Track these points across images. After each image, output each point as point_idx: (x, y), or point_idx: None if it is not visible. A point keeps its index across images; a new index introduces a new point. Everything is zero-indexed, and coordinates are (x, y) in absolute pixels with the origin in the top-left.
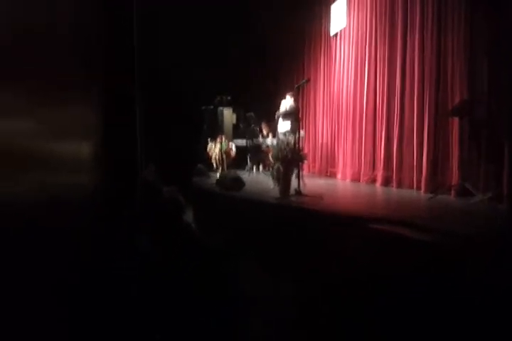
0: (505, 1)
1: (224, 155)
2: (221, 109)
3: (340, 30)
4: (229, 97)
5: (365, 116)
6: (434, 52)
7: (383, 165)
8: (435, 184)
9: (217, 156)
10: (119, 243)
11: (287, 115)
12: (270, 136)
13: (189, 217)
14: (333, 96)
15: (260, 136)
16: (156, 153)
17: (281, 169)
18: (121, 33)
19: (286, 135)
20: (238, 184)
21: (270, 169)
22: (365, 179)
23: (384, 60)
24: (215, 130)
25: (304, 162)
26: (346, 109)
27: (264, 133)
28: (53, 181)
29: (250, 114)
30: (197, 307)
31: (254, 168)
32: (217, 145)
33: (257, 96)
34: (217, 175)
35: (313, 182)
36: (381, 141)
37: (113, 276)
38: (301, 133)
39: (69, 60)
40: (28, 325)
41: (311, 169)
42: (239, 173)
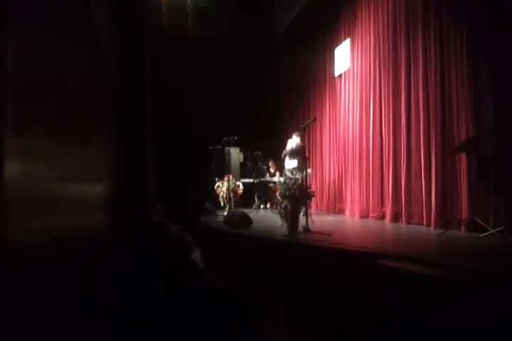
0: (508, 38)
1: (231, 194)
2: (228, 148)
3: (345, 71)
4: (236, 137)
5: (372, 153)
6: (438, 90)
7: (392, 201)
8: (445, 219)
9: (224, 195)
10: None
11: (294, 153)
12: (277, 174)
13: (197, 256)
14: (339, 135)
15: (267, 175)
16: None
17: (288, 207)
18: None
19: (294, 173)
20: (246, 222)
21: (278, 207)
22: (373, 215)
23: (389, 98)
24: (223, 169)
25: (312, 199)
26: (353, 146)
27: (272, 171)
28: (66, 223)
29: (257, 152)
30: None
31: (262, 206)
32: (225, 184)
33: (263, 135)
34: (225, 213)
35: (322, 219)
36: (389, 177)
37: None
38: (309, 171)
39: (86, 107)
40: None
41: (318, 206)
42: (246, 211)
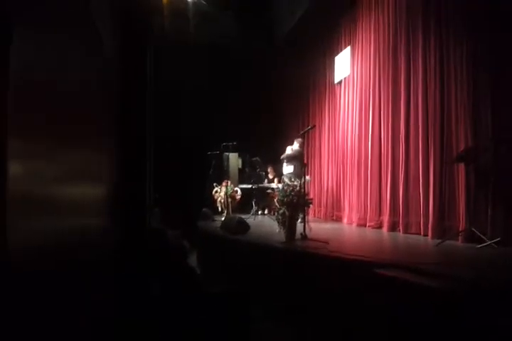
0: (508, 46)
1: (229, 199)
2: (227, 154)
3: (345, 78)
4: (235, 143)
5: (370, 161)
6: (437, 98)
7: (389, 210)
8: (442, 229)
9: (222, 200)
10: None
11: (291, 159)
12: (276, 180)
13: (193, 261)
14: (338, 142)
15: (266, 181)
16: (162, 198)
17: (286, 213)
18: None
19: (291, 178)
20: (243, 227)
21: (275, 213)
22: (371, 224)
23: (388, 105)
24: (221, 174)
25: (310, 206)
26: (351, 154)
27: (270, 177)
28: (65, 224)
29: (256, 158)
30: None
31: (260, 212)
32: (223, 189)
33: (262, 141)
34: (222, 218)
35: (319, 227)
36: (387, 186)
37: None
38: (307, 178)
39: (87, 110)
40: None
41: (316, 214)
42: (244, 217)
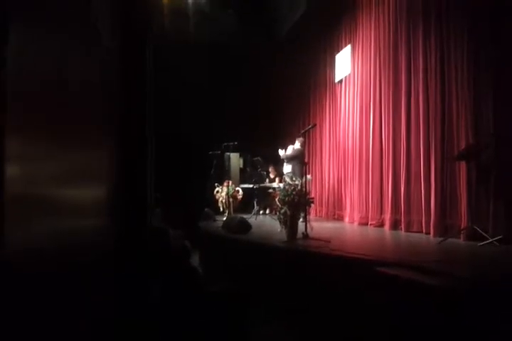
0: (509, 44)
1: (231, 199)
2: (228, 154)
3: (345, 77)
4: (236, 143)
5: (372, 160)
6: (438, 96)
7: (391, 209)
8: (444, 227)
9: (223, 200)
10: (129, 287)
11: (290, 158)
12: (277, 179)
13: (195, 261)
14: (339, 141)
15: (267, 180)
16: (163, 198)
17: (288, 213)
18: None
19: (292, 178)
20: (245, 227)
21: (277, 213)
22: (373, 223)
23: (389, 104)
24: (222, 174)
25: (311, 206)
26: (352, 153)
27: (271, 177)
28: (65, 225)
29: (257, 158)
30: None
31: (261, 212)
32: (224, 189)
33: (263, 141)
34: (224, 218)
35: (321, 226)
36: (388, 184)
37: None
38: (308, 177)
39: (87, 109)
40: None
41: (318, 213)
42: (246, 217)
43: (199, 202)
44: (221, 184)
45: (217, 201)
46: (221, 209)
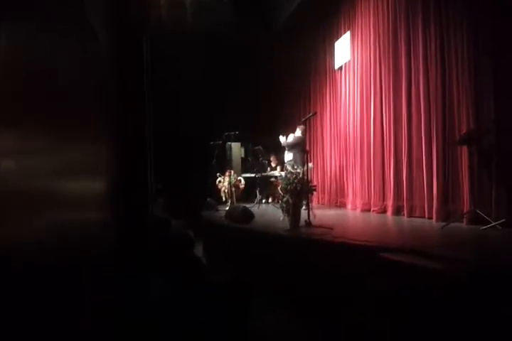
0: (509, 28)
1: (233, 189)
2: (229, 143)
3: (345, 63)
4: (237, 132)
5: (373, 146)
6: (438, 81)
7: (393, 195)
8: (447, 212)
9: (226, 190)
10: (131, 279)
11: (291, 146)
12: (279, 168)
13: (199, 251)
14: (340, 128)
15: (269, 169)
16: (165, 188)
17: (290, 201)
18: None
19: (294, 166)
20: (247, 216)
21: (279, 201)
22: (375, 209)
23: (389, 90)
24: (224, 164)
25: (313, 193)
26: (354, 140)
27: (273, 165)
28: (66, 219)
29: (259, 147)
30: None
31: (264, 201)
32: (226, 179)
33: (264, 130)
34: (227, 208)
35: (323, 213)
36: (390, 170)
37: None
38: (310, 165)
39: (83, 102)
40: None
41: (320, 200)
42: (248, 206)
43: (201, 192)
44: (223, 174)
45: (220, 191)
46: (224, 199)
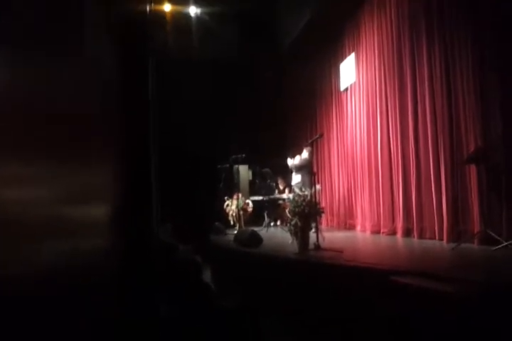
0: None
1: (241, 212)
2: (237, 166)
3: (350, 85)
4: (244, 155)
5: (381, 167)
6: (445, 101)
7: (403, 216)
8: (457, 233)
9: (234, 213)
10: (137, 305)
11: (299, 168)
12: (287, 191)
13: (207, 276)
14: (347, 150)
15: (277, 191)
16: (172, 213)
17: (298, 224)
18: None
19: (302, 188)
20: (256, 240)
21: (288, 224)
22: (385, 231)
23: (395, 110)
24: (232, 187)
25: (322, 216)
26: (361, 161)
27: (281, 188)
28: (70, 246)
29: (266, 170)
30: None
31: (272, 224)
32: (234, 202)
33: (272, 152)
34: (235, 232)
35: (333, 236)
36: (399, 191)
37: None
38: (317, 187)
39: (87, 127)
40: None
41: (329, 222)
42: (257, 229)
43: (209, 216)
44: (231, 197)
45: (228, 214)
46: (232, 223)
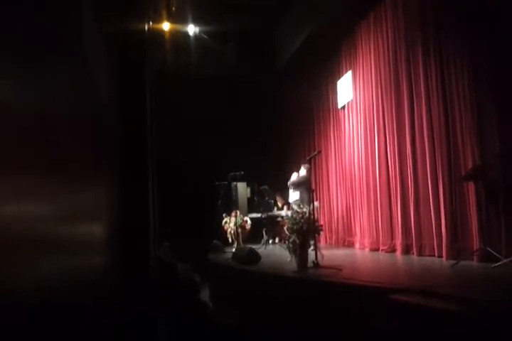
0: (509, 61)
1: (239, 229)
2: (235, 183)
3: (348, 102)
4: (242, 172)
5: (379, 184)
6: (442, 118)
7: (401, 233)
8: (456, 250)
9: (232, 231)
10: (136, 323)
11: (297, 185)
12: (285, 208)
13: (205, 295)
14: (345, 167)
15: (275, 209)
16: (171, 231)
17: (297, 241)
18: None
19: (300, 205)
20: (254, 258)
21: (286, 241)
22: (384, 248)
23: (393, 127)
24: (230, 205)
25: (320, 233)
26: (359, 178)
27: (279, 205)
28: (70, 263)
29: (264, 187)
30: None
31: (271, 241)
32: (232, 220)
33: (270, 169)
34: (233, 249)
35: (331, 253)
36: (397, 208)
37: None
38: (316, 204)
39: (86, 148)
40: None
41: (328, 240)
42: (255, 247)
43: (208, 233)
44: (229, 214)
45: (226, 232)
46: (230, 240)
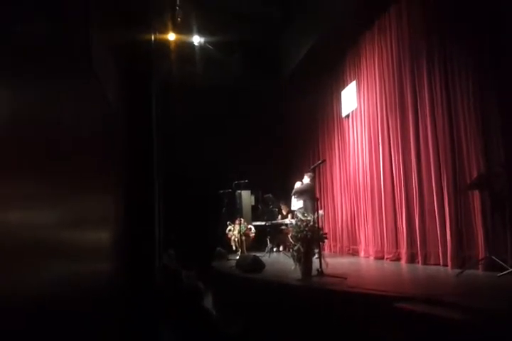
0: None
1: (243, 237)
2: (239, 192)
3: (352, 111)
4: (246, 180)
5: (384, 193)
6: (446, 127)
7: (406, 242)
8: (462, 258)
9: (236, 238)
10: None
11: (300, 193)
12: (289, 216)
13: (208, 302)
14: (349, 176)
15: (279, 217)
16: (175, 239)
17: (301, 249)
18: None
19: (304, 213)
20: (258, 266)
21: (290, 250)
22: (389, 256)
23: (397, 136)
24: (234, 213)
25: (325, 241)
26: (364, 187)
27: (283, 213)
28: (74, 270)
29: (268, 195)
30: None
31: (275, 249)
32: (236, 228)
33: (274, 178)
34: (237, 257)
35: (336, 262)
36: (402, 217)
37: None
38: (320, 212)
39: (93, 156)
40: None
41: (332, 248)
42: (259, 255)
43: (212, 241)
44: (233, 222)
45: (230, 240)
46: (234, 248)
